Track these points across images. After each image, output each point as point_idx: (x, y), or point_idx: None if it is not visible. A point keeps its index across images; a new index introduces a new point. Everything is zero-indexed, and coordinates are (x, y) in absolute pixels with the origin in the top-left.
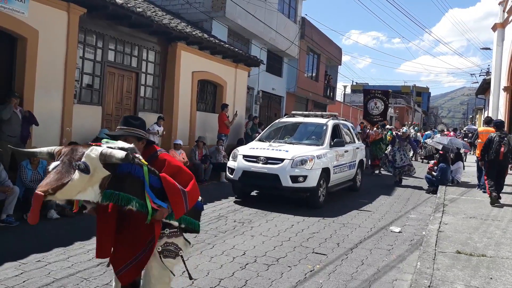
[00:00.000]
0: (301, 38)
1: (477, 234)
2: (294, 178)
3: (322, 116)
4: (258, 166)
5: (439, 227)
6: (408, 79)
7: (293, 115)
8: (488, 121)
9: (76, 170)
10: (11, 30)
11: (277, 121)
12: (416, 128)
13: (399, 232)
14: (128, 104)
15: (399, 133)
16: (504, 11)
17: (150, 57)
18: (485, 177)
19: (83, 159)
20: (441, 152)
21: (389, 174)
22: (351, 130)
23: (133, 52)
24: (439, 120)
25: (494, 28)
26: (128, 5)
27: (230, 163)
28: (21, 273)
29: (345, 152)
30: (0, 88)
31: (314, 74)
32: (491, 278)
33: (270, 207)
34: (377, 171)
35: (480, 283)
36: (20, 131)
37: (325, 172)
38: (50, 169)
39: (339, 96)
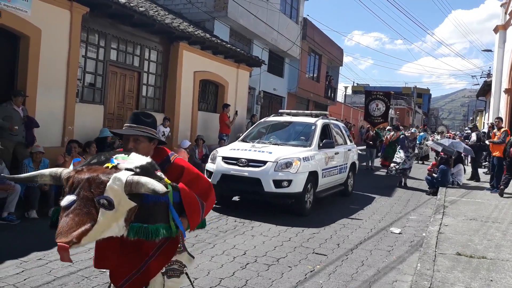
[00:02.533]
0: (303, 39)
1: (477, 236)
2: (278, 183)
3: (311, 116)
4: (238, 169)
5: (440, 228)
6: (409, 81)
7: (281, 114)
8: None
9: (100, 208)
10: (14, 28)
11: (262, 120)
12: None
13: (399, 233)
14: (130, 103)
15: (407, 134)
16: (506, 13)
17: (152, 57)
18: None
19: (105, 194)
20: (441, 153)
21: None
22: (343, 130)
23: (135, 52)
24: (440, 122)
25: (495, 30)
26: (131, 4)
27: (209, 166)
28: (22, 271)
29: (335, 154)
30: (2, 86)
31: (315, 75)
32: (491, 280)
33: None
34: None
35: (480, 285)
36: (22, 130)
37: (313, 176)
38: (63, 204)
39: (340, 97)
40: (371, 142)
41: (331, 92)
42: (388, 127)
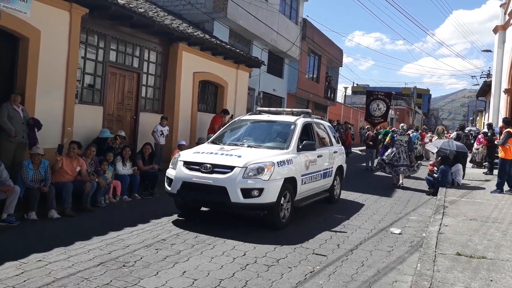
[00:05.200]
0: (302, 40)
1: (477, 236)
2: (247, 192)
3: (292, 114)
4: (201, 176)
5: (439, 229)
6: (410, 81)
7: (259, 112)
8: (507, 122)
9: None
10: (13, 30)
11: (237, 118)
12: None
13: (399, 233)
14: (130, 104)
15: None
16: (505, 13)
17: (152, 58)
18: None
19: None
20: (435, 154)
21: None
22: (328, 130)
23: (135, 53)
24: (440, 122)
25: (495, 30)
26: (130, 5)
27: (168, 172)
28: (22, 273)
29: (318, 157)
30: (2, 88)
31: (315, 76)
32: (491, 280)
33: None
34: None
35: (480, 285)
36: (23, 130)
37: (290, 182)
38: None
39: (340, 98)
40: (371, 143)
41: (330, 92)
42: (393, 129)
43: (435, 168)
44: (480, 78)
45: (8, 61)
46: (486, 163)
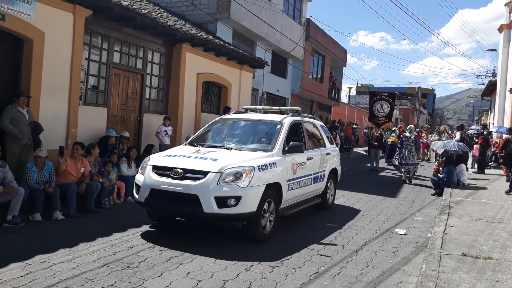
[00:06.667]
0: (306, 40)
1: (483, 237)
2: (222, 201)
3: (281, 112)
4: (170, 183)
5: (445, 229)
6: (415, 81)
7: (245, 111)
8: None
9: None
10: (17, 32)
11: (218, 118)
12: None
13: (404, 234)
14: (133, 105)
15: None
16: (510, 12)
17: (155, 59)
18: None
19: None
20: (438, 153)
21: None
22: (320, 130)
23: (138, 54)
24: (445, 122)
25: (500, 29)
26: (134, 6)
27: (137, 177)
28: (27, 274)
29: (307, 159)
30: (7, 89)
31: (318, 76)
32: (497, 281)
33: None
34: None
35: (486, 286)
36: (28, 132)
37: (274, 189)
38: None
39: (344, 98)
40: (375, 143)
41: (334, 92)
42: (394, 128)
43: (440, 168)
44: (485, 77)
45: (12, 63)
46: (492, 162)
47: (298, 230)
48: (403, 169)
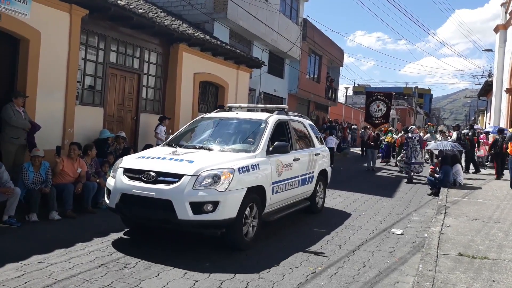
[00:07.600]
0: (303, 40)
1: (479, 237)
2: (197, 206)
3: (266, 110)
4: (142, 187)
5: (441, 229)
6: (411, 81)
7: (229, 109)
8: None
9: None
10: (13, 31)
11: (200, 117)
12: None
13: (401, 234)
14: (130, 105)
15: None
16: (506, 12)
17: (152, 59)
18: None
19: None
20: (435, 153)
21: (391, 176)
22: (309, 129)
23: (135, 54)
24: (441, 122)
25: (496, 29)
26: (130, 6)
27: (108, 181)
28: (23, 274)
29: (294, 160)
30: (3, 89)
31: (315, 76)
32: (493, 281)
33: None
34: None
35: (482, 285)
36: (24, 133)
37: (257, 192)
38: None
39: (341, 98)
40: (372, 143)
41: (331, 92)
42: (390, 128)
43: (437, 168)
44: (482, 77)
45: (8, 63)
46: (489, 162)
47: (293, 231)
48: (411, 167)
